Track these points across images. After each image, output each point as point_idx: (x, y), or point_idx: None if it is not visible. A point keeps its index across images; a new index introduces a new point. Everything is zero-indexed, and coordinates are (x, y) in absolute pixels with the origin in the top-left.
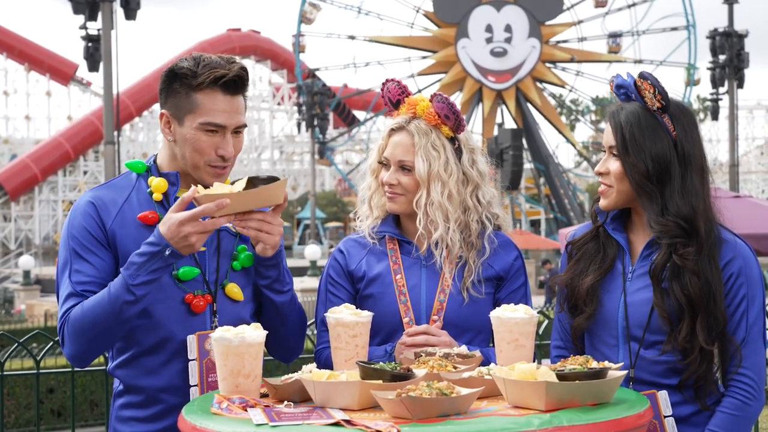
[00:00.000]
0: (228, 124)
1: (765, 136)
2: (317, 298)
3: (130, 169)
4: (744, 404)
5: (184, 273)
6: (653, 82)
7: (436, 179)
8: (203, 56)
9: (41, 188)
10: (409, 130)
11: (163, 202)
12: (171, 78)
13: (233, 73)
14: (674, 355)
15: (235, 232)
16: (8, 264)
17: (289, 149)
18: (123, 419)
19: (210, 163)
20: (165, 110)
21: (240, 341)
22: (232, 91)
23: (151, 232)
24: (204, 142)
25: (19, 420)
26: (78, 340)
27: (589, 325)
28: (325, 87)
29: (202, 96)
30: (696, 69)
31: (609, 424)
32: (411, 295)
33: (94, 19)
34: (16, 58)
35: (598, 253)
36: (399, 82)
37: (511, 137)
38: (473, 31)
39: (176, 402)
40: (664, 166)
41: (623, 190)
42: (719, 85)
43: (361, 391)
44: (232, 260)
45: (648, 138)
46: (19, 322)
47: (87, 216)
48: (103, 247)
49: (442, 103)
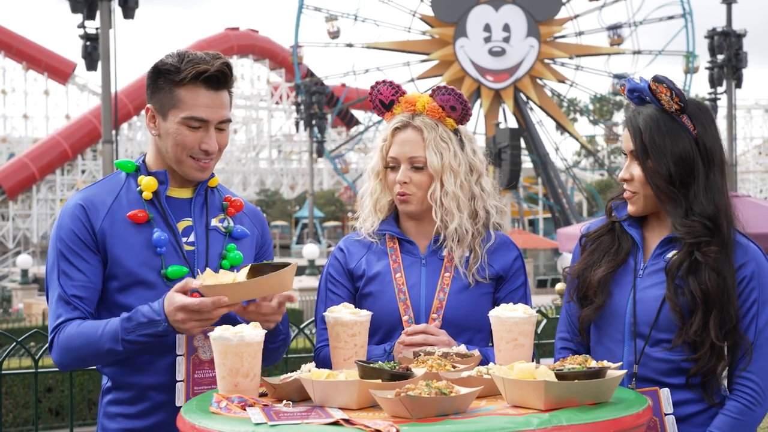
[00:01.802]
0: (211, 118)
1: (763, 135)
2: (317, 297)
3: (119, 168)
4: (748, 408)
5: (173, 272)
6: (669, 85)
7: (448, 171)
8: (188, 52)
9: (39, 187)
10: (415, 126)
11: (153, 201)
12: (156, 74)
13: (215, 68)
14: (684, 350)
15: (224, 232)
16: (6, 263)
17: (288, 148)
18: (110, 415)
19: (193, 155)
20: (150, 105)
21: (239, 340)
22: (215, 86)
23: (140, 231)
24: (187, 136)
25: (17, 419)
26: (66, 355)
27: (596, 318)
28: (323, 87)
29: (184, 91)
30: (695, 57)
31: (608, 424)
32: (410, 293)
33: (93, 18)
34: (14, 57)
35: (612, 246)
36: (391, 82)
37: (509, 136)
38: (471, 30)
39: (164, 399)
40: (687, 167)
41: (648, 195)
42: (717, 85)
43: (360, 391)
44: (221, 259)
45: (669, 140)
46: (16, 321)
47: (75, 219)
48: (90, 251)
49: (448, 95)
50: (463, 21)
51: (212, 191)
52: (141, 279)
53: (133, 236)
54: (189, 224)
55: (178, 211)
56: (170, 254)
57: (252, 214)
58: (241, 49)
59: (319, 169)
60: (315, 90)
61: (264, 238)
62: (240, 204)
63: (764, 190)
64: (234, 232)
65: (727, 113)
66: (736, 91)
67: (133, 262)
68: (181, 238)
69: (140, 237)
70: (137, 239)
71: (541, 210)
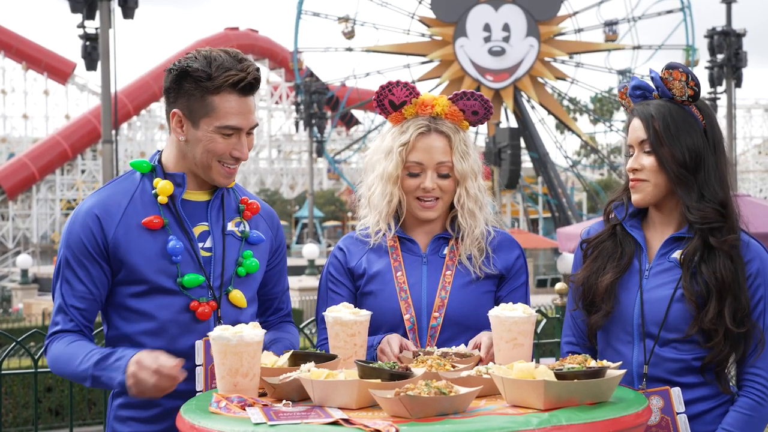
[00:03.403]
0: (244, 126)
1: (763, 135)
2: (318, 296)
3: (134, 168)
4: (758, 404)
5: (189, 280)
6: (684, 70)
7: (471, 175)
8: (213, 55)
9: (39, 187)
10: (441, 131)
11: (169, 205)
12: (181, 77)
13: (251, 76)
14: (695, 346)
15: (240, 237)
16: (6, 263)
17: (287, 148)
18: (121, 419)
19: (223, 162)
20: (177, 110)
21: (238, 340)
22: (248, 93)
23: (155, 238)
24: (220, 143)
25: (17, 419)
26: (53, 368)
27: (605, 323)
28: (323, 86)
29: (218, 99)
30: (695, 50)
31: (607, 423)
32: (412, 292)
33: (92, 18)
34: (14, 57)
35: (615, 252)
36: (405, 83)
37: (509, 136)
38: (471, 30)
39: (176, 405)
40: (698, 156)
41: (660, 183)
42: (717, 84)
43: (360, 390)
44: (237, 266)
45: (682, 128)
46: (16, 320)
47: (86, 228)
48: (96, 263)
49: (474, 100)
50: (463, 21)
51: (228, 192)
52: (158, 286)
53: (148, 243)
54: (205, 229)
55: (195, 214)
56: (186, 262)
57: (267, 216)
58: (240, 48)
59: (318, 169)
60: (315, 90)
61: (278, 240)
62: (256, 207)
63: (764, 190)
64: (250, 237)
65: (727, 113)
66: (736, 90)
67: (148, 270)
68: (197, 243)
69: (155, 244)
70: (152, 246)
71: (540, 210)
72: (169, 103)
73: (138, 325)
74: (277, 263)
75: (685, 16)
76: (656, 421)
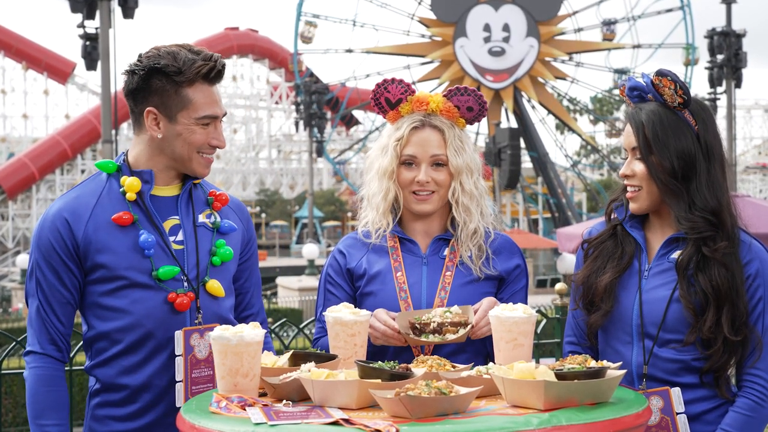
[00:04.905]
0: (219, 113)
1: (762, 135)
2: (317, 297)
3: (99, 169)
4: (757, 405)
5: (165, 272)
6: (673, 78)
7: (466, 170)
8: (173, 51)
9: (39, 187)
10: (435, 125)
11: (138, 201)
12: (150, 75)
13: (219, 63)
14: (694, 348)
15: (212, 228)
16: (6, 262)
17: (287, 148)
18: (98, 418)
19: (202, 152)
20: (151, 108)
21: (239, 340)
22: (216, 81)
23: (125, 233)
24: (199, 134)
25: (17, 418)
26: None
27: (604, 323)
28: (323, 86)
29: (192, 91)
30: (695, 48)
31: (607, 424)
32: (411, 292)
33: (92, 18)
34: (14, 57)
35: (615, 251)
36: (401, 80)
37: (509, 136)
38: (471, 30)
39: (153, 400)
40: (689, 162)
41: (653, 191)
42: (717, 85)
43: (360, 390)
44: (211, 256)
45: (671, 135)
46: (16, 320)
47: (54, 231)
48: (65, 266)
49: (468, 96)
50: (463, 21)
51: (196, 187)
52: (132, 282)
53: (119, 239)
54: (176, 222)
55: (164, 209)
56: (159, 255)
57: (237, 208)
58: (240, 48)
59: (318, 169)
60: (315, 90)
61: (249, 232)
62: (225, 198)
63: (764, 190)
64: (222, 227)
65: (727, 113)
66: (736, 91)
67: (120, 265)
68: (168, 237)
69: (126, 240)
70: (123, 242)
71: (540, 210)
72: (138, 103)
73: (113, 323)
74: (249, 257)
75: (684, 14)
76: (656, 422)
